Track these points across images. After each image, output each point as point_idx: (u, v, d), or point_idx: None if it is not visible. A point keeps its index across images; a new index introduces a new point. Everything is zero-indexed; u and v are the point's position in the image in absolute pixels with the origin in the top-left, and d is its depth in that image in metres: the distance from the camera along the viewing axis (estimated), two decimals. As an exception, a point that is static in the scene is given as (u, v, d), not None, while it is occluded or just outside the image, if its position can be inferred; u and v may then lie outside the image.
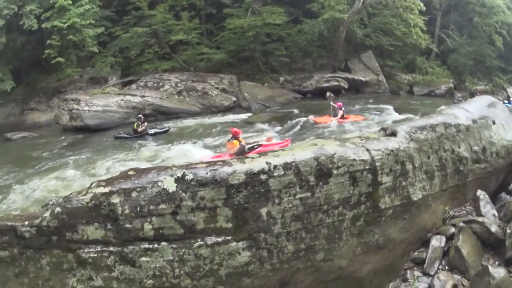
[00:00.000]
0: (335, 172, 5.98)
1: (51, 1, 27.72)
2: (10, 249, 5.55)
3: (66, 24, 27.15)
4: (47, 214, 5.44)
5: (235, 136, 16.36)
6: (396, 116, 25.03)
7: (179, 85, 30.73)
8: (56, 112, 27.78)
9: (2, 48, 27.82)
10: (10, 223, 5.57)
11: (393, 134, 7.22)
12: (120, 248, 5.33)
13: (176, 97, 29.92)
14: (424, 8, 38.33)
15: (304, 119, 24.94)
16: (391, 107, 28.94)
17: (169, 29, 34.14)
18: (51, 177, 16.03)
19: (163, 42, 34.42)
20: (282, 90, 34.49)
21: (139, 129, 21.64)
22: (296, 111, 28.32)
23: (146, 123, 22.21)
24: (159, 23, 33.54)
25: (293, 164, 5.74)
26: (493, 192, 9.10)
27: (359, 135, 7.25)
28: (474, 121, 8.73)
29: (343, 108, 23.92)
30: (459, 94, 34.66)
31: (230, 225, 5.47)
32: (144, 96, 28.26)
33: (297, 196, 5.73)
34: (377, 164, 6.40)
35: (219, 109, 30.11)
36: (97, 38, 30.48)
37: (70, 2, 27.89)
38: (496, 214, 7.86)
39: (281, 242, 5.68)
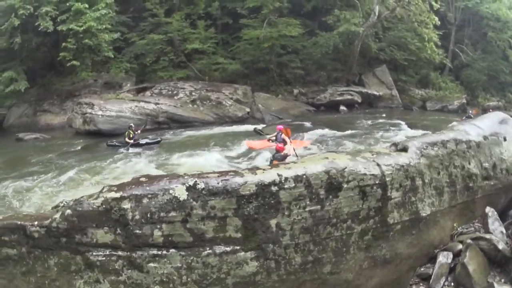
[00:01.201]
0: (345, 186, 6.01)
1: (68, 4, 27.99)
2: (19, 247, 5.64)
3: (82, 28, 27.37)
4: (57, 215, 5.52)
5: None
6: (409, 131, 24.79)
7: (193, 94, 30.84)
8: (69, 115, 27.93)
9: (17, 48, 28.06)
10: (19, 222, 5.65)
11: (404, 149, 7.22)
12: (128, 253, 5.39)
13: (190, 105, 29.97)
14: (439, 23, 38.31)
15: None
16: (403, 122, 28.83)
17: (185, 37, 34.32)
18: (62, 180, 16.13)
19: (179, 50, 34.54)
20: (295, 103, 34.52)
21: (131, 139, 21.54)
22: (308, 123, 28.23)
23: (138, 132, 22.06)
24: (175, 31, 33.73)
25: (304, 176, 5.77)
26: (502, 209, 9.00)
27: (370, 150, 7.26)
28: (485, 138, 8.70)
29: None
30: (470, 111, 34.44)
31: (239, 235, 5.52)
32: (158, 104, 28.35)
33: (307, 209, 5.76)
34: (387, 179, 6.41)
35: (233, 119, 30.13)
36: (113, 43, 30.69)
37: (87, 6, 28.14)
38: (504, 232, 7.79)
39: (289, 253, 5.70)
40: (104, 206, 5.38)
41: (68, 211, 5.43)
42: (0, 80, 27.79)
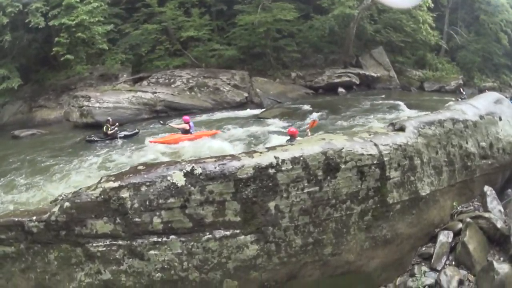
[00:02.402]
0: (343, 166, 6.02)
1: (58, -1, 27.88)
2: (17, 244, 5.64)
3: (74, 22, 27.13)
4: (55, 209, 5.54)
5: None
6: (408, 111, 24.69)
7: (190, 81, 30.65)
8: (66, 109, 27.72)
9: (8, 46, 27.87)
10: (17, 219, 5.66)
11: (402, 129, 7.24)
12: (128, 242, 5.44)
13: (188, 93, 29.83)
14: (432, 5, 38.31)
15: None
16: (402, 103, 28.74)
17: (179, 25, 33.99)
18: (61, 174, 16.01)
19: (174, 39, 34.31)
20: (293, 86, 34.19)
21: (109, 132, 21.41)
22: (307, 106, 28.09)
23: (115, 126, 21.88)
24: (169, 20, 33.45)
25: (301, 158, 5.80)
26: (499, 188, 9.08)
27: (367, 130, 7.27)
28: (481, 117, 8.74)
29: (191, 123, 19.90)
30: (463, 92, 34.51)
31: (238, 218, 5.55)
32: (155, 93, 28.21)
33: (305, 190, 5.79)
34: (385, 159, 6.43)
35: (231, 105, 29.89)
36: (107, 35, 30.45)
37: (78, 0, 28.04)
38: (503, 210, 7.89)
39: (289, 236, 5.74)
40: (102, 196, 5.41)
41: (67, 204, 5.46)
42: (-9, 79, 27.63)
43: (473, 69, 43.99)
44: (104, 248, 5.46)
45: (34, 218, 5.59)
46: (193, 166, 5.56)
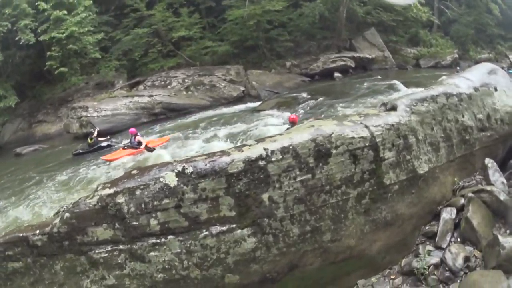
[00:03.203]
0: (334, 151, 6.02)
1: (46, 14, 27.89)
2: (24, 259, 5.73)
3: (64, 34, 27.25)
4: (57, 220, 5.63)
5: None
6: (405, 90, 24.62)
7: (186, 80, 30.85)
8: (65, 121, 27.90)
9: (1, 65, 28.03)
10: (21, 234, 5.75)
11: (393, 108, 7.22)
12: (129, 246, 5.51)
13: (184, 93, 29.99)
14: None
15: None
16: (399, 82, 28.73)
17: (170, 26, 34.21)
18: (64, 187, 16.11)
19: (166, 40, 34.56)
20: (289, 75, 34.37)
21: (91, 143, 21.26)
22: (304, 94, 28.10)
23: (95, 136, 21.58)
24: (159, 22, 33.68)
25: (291, 147, 5.80)
26: (501, 160, 9.02)
27: (358, 113, 7.26)
28: (476, 89, 8.70)
29: (139, 134, 19.38)
30: (458, 67, 34.54)
31: (233, 213, 5.58)
32: (152, 96, 28.33)
33: (298, 179, 5.79)
34: (377, 140, 6.42)
35: (229, 100, 29.95)
36: (99, 44, 30.63)
37: (66, 12, 28.08)
38: (505, 182, 7.83)
39: (285, 226, 5.75)
40: (100, 204, 5.49)
41: (67, 214, 5.55)
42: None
43: (468, 42, 44.60)
44: (106, 254, 5.55)
45: (38, 231, 5.68)
46: (184, 166, 5.60)
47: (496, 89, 9.15)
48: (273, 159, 5.68)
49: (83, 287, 5.63)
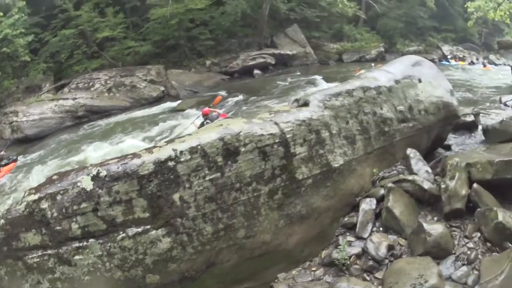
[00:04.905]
0: (242, 149, 6.58)
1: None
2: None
3: (-1, 37, 27.39)
4: (-5, 227, 6.06)
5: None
6: (326, 85, 25.56)
7: (108, 82, 31.49)
8: (-1, 127, 27.96)
9: None
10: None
11: (306, 104, 7.81)
12: (56, 250, 5.98)
13: (106, 94, 30.55)
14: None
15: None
16: (319, 77, 30.15)
17: (95, 27, 34.72)
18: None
19: (91, 41, 35.01)
20: (209, 74, 35.77)
21: None
22: (223, 92, 29.18)
23: (2, 153, 21.06)
24: (85, 22, 34.04)
25: (199, 147, 6.34)
26: (426, 149, 9.76)
27: (268, 110, 7.84)
28: (397, 82, 9.35)
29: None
30: (372, 64, 36.05)
31: (147, 214, 6.09)
32: (75, 98, 28.69)
33: (207, 178, 6.33)
34: (287, 136, 7.00)
35: (148, 100, 30.88)
36: (29, 46, 30.53)
37: (1, 14, 28.03)
38: (430, 171, 8.44)
39: (198, 224, 6.29)
40: (27, 210, 5.96)
41: (2, 221, 6.01)
42: None
43: (395, 36, 47.38)
44: (38, 259, 5.99)
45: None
46: (98, 169, 6.08)
47: (420, 81, 9.79)
48: (182, 159, 6.21)
49: (25, 291, 6.08)
